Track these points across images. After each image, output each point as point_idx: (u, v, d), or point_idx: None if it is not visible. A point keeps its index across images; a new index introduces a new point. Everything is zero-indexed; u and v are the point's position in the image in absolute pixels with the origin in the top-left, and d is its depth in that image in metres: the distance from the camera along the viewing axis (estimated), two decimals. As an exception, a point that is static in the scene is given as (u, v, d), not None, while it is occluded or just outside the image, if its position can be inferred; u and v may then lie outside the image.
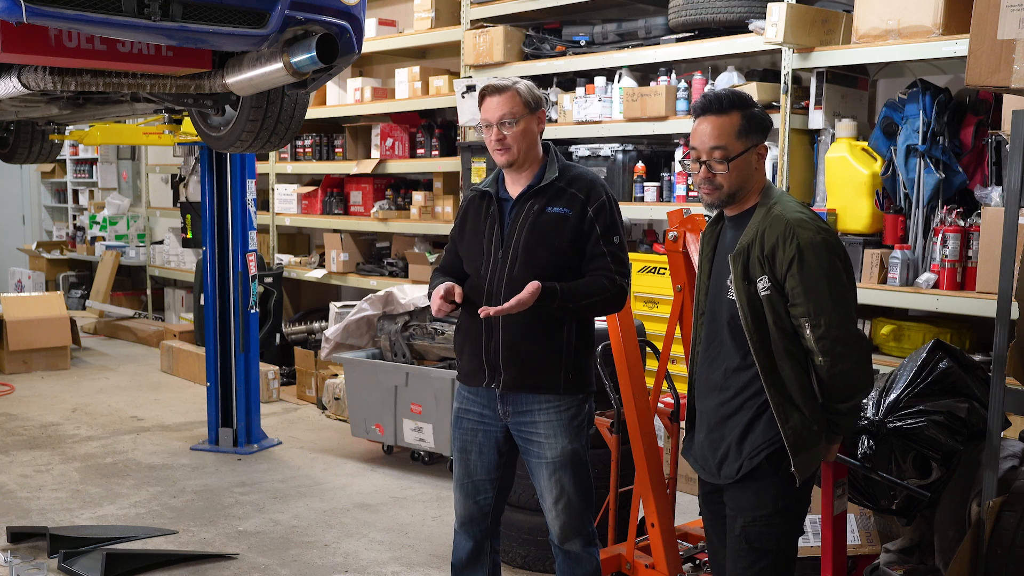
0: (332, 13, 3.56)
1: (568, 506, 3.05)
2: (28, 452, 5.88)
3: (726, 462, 2.70)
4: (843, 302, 2.56)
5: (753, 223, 2.64)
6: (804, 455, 2.60)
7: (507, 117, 2.97)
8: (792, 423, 2.58)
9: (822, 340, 2.54)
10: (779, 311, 2.58)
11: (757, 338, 2.59)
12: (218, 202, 5.94)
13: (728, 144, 2.63)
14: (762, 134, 2.68)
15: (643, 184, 5.85)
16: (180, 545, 4.45)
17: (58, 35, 3.32)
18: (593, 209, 3.00)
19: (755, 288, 2.59)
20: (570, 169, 3.08)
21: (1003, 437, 3.16)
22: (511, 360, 3.00)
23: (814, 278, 2.53)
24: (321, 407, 6.95)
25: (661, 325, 4.48)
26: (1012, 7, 2.77)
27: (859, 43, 4.74)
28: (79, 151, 11.94)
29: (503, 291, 2.97)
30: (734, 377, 2.68)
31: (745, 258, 2.61)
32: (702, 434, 2.80)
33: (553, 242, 2.98)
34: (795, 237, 2.55)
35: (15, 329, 8.24)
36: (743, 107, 2.65)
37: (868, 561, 3.62)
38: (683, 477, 5.02)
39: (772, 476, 2.64)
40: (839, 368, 2.56)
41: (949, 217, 4.45)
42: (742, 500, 2.69)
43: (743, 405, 2.67)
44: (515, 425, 3.07)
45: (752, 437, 2.65)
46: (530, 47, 6.44)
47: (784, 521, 2.69)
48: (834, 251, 2.59)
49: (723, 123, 2.64)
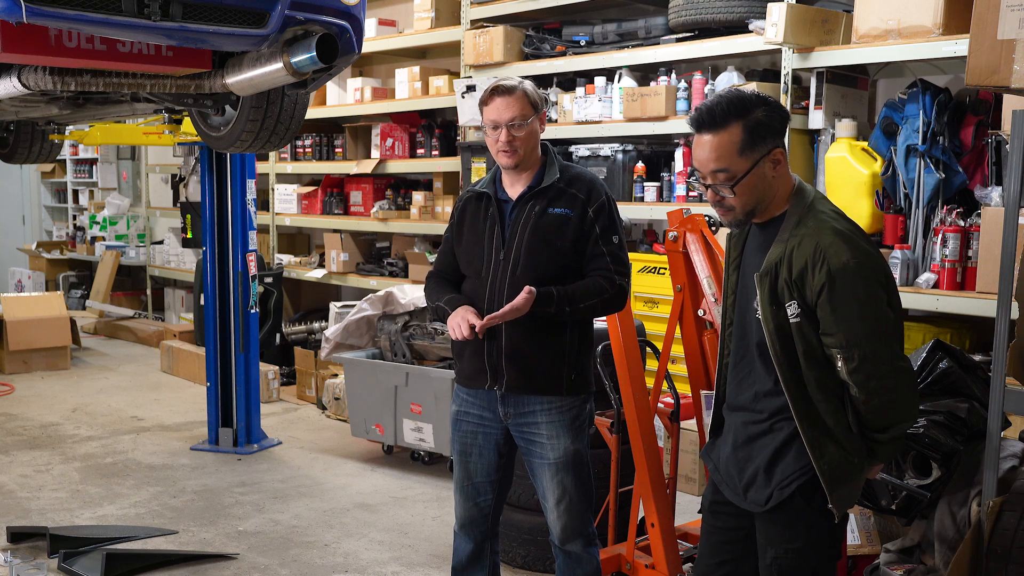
0: (332, 13, 3.56)
1: (570, 507, 3.05)
2: (28, 452, 5.88)
3: (753, 487, 2.49)
4: (879, 332, 2.31)
5: (781, 238, 2.37)
6: (843, 489, 2.39)
7: (517, 119, 2.95)
8: (828, 457, 2.36)
9: (855, 374, 2.31)
10: (811, 340, 2.34)
11: (787, 368, 2.37)
12: (218, 202, 5.94)
13: (730, 165, 2.34)
14: (773, 138, 2.36)
15: (643, 184, 5.85)
16: (180, 545, 4.45)
17: (58, 35, 3.32)
18: (593, 209, 2.99)
19: (784, 314, 2.35)
20: (569, 169, 3.07)
21: (1003, 437, 3.16)
22: (514, 362, 2.99)
23: (846, 307, 2.28)
24: (321, 407, 6.95)
25: (661, 325, 4.48)
26: (1012, 7, 2.77)
27: (859, 43, 4.74)
28: (79, 151, 11.94)
29: (505, 292, 2.97)
30: (764, 401, 2.47)
31: (772, 279, 2.36)
32: (727, 448, 2.60)
33: (555, 243, 2.97)
34: (825, 262, 2.27)
35: (15, 329, 8.24)
36: (742, 115, 2.33)
37: (868, 561, 3.62)
38: (683, 477, 5.02)
39: (803, 509, 2.42)
40: (876, 402, 2.34)
41: (949, 217, 4.45)
42: (772, 531, 2.49)
43: (773, 427, 2.46)
44: (517, 426, 3.07)
45: (783, 465, 2.44)
46: (530, 47, 6.44)
47: (817, 552, 2.48)
48: (870, 275, 2.31)
49: (721, 141, 2.33)
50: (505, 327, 2.97)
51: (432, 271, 3.24)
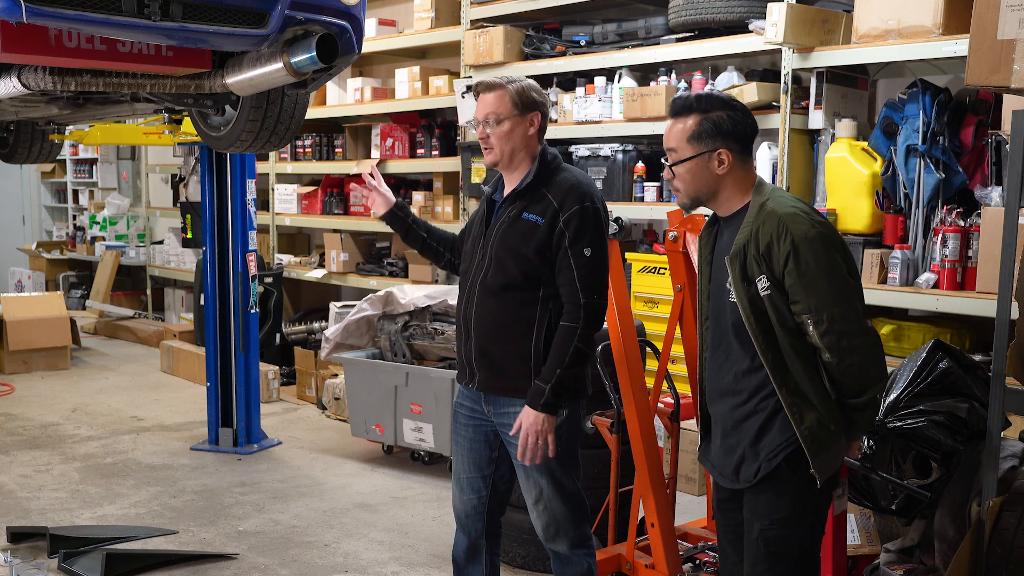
0: (332, 13, 3.55)
1: (548, 508, 3.04)
2: (28, 452, 5.88)
3: (743, 465, 2.62)
4: (844, 295, 2.49)
5: (747, 222, 2.56)
6: (824, 455, 2.51)
7: (491, 116, 2.92)
8: (808, 423, 2.50)
9: (826, 336, 2.46)
10: (782, 309, 2.51)
11: (763, 339, 2.52)
12: (218, 202, 5.94)
13: (677, 147, 2.62)
14: (724, 139, 2.58)
15: (643, 184, 5.85)
16: (180, 545, 4.45)
17: (58, 35, 3.32)
18: (564, 218, 2.86)
19: (755, 288, 2.52)
20: (555, 173, 2.95)
21: (1003, 437, 3.16)
22: (482, 362, 3.01)
23: (812, 273, 2.46)
24: (321, 407, 6.95)
25: (661, 325, 4.48)
26: (1012, 7, 2.77)
27: (859, 43, 4.74)
28: (79, 151, 11.93)
29: (476, 295, 2.98)
30: (744, 380, 2.61)
31: (742, 259, 2.54)
32: (717, 440, 2.73)
33: (521, 250, 2.90)
34: (789, 233, 2.47)
35: (15, 329, 8.24)
36: (703, 110, 2.58)
37: (868, 561, 3.62)
38: (683, 477, 5.02)
39: (790, 479, 2.56)
40: (847, 363, 2.48)
41: (949, 217, 4.45)
42: (759, 504, 2.61)
43: (756, 407, 2.59)
44: (499, 424, 3.08)
45: (768, 438, 2.57)
46: (530, 47, 6.44)
47: (802, 524, 2.60)
48: (831, 243, 2.51)
49: (676, 126, 2.62)
50: (475, 328, 2.98)
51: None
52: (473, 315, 2.99)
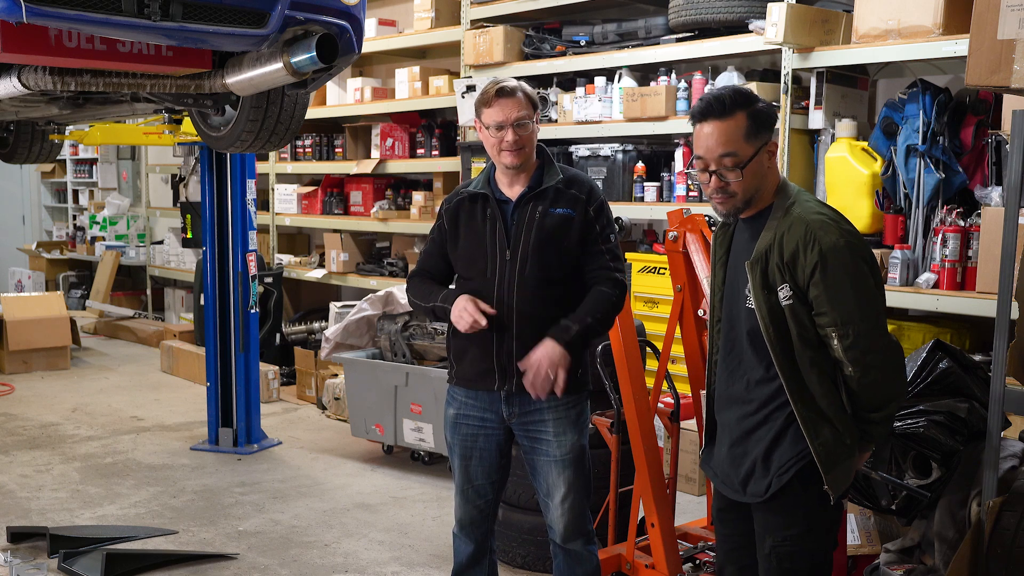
0: (332, 13, 3.56)
1: (574, 504, 3.07)
2: (28, 452, 5.88)
3: (752, 479, 2.54)
4: (871, 309, 2.40)
5: (770, 226, 2.46)
6: (837, 471, 2.44)
7: (525, 119, 2.99)
8: (823, 438, 2.42)
9: (851, 350, 2.37)
10: (803, 321, 2.41)
11: (780, 350, 2.43)
12: (218, 202, 5.94)
13: (738, 149, 2.43)
14: (770, 130, 2.50)
15: (643, 184, 5.85)
16: (180, 545, 4.45)
17: (58, 35, 3.32)
18: (593, 209, 3.04)
19: (776, 297, 2.42)
20: (565, 171, 3.12)
21: (1003, 437, 3.16)
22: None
23: (839, 286, 2.36)
24: (321, 407, 6.95)
25: (661, 325, 4.48)
26: (1012, 7, 2.77)
27: (859, 43, 4.74)
28: (79, 151, 11.94)
29: (515, 291, 2.99)
30: (757, 390, 2.52)
31: (763, 265, 2.43)
32: (723, 448, 2.64)
33: (562, 242, 3.01)
34: (816, 242, 2.37)
35: (15, 329, 8.24)
36: (747, 105, 2.45)
37: (868, 561, 3.62)
38: (683, 477, 5.02)
39: (802, 494, 2.48)
40: (870, 378, 2.40)
41: (949, 217, 4.45)
42: (770, 519, 2.54)
43: (767, 418, 2.51)
44: (522, 426, 3.07)
45: (779, 452, 2.49)
46: (530, 47, 6.44)
47: (815, 539, 2.54)
48: (859, 253, 2.40)
49: (729, 127, 2.43)
50: (516, 327, 2.99)
51: (415, 271, 3.20)
52: (515, 313, 2.98)
